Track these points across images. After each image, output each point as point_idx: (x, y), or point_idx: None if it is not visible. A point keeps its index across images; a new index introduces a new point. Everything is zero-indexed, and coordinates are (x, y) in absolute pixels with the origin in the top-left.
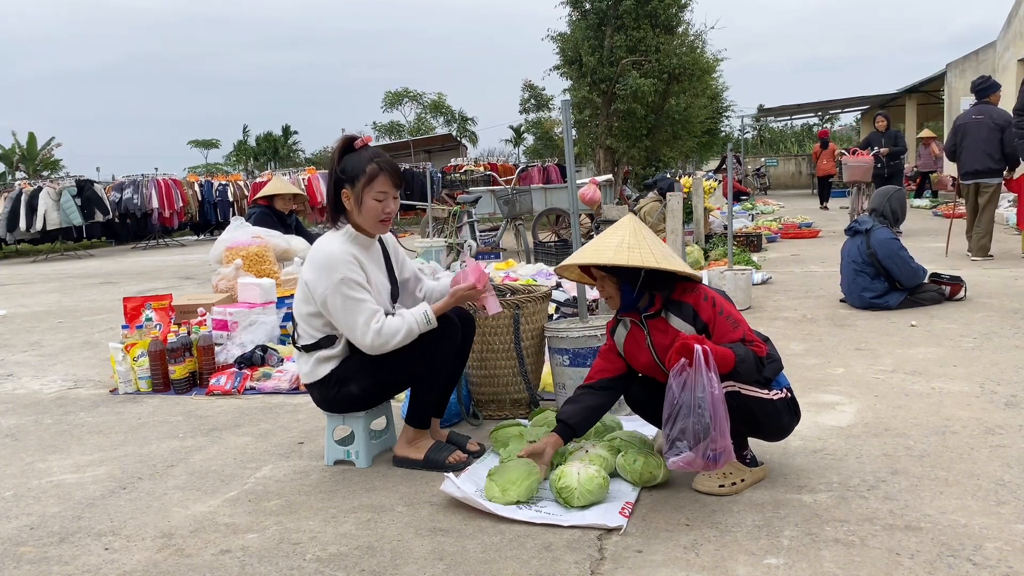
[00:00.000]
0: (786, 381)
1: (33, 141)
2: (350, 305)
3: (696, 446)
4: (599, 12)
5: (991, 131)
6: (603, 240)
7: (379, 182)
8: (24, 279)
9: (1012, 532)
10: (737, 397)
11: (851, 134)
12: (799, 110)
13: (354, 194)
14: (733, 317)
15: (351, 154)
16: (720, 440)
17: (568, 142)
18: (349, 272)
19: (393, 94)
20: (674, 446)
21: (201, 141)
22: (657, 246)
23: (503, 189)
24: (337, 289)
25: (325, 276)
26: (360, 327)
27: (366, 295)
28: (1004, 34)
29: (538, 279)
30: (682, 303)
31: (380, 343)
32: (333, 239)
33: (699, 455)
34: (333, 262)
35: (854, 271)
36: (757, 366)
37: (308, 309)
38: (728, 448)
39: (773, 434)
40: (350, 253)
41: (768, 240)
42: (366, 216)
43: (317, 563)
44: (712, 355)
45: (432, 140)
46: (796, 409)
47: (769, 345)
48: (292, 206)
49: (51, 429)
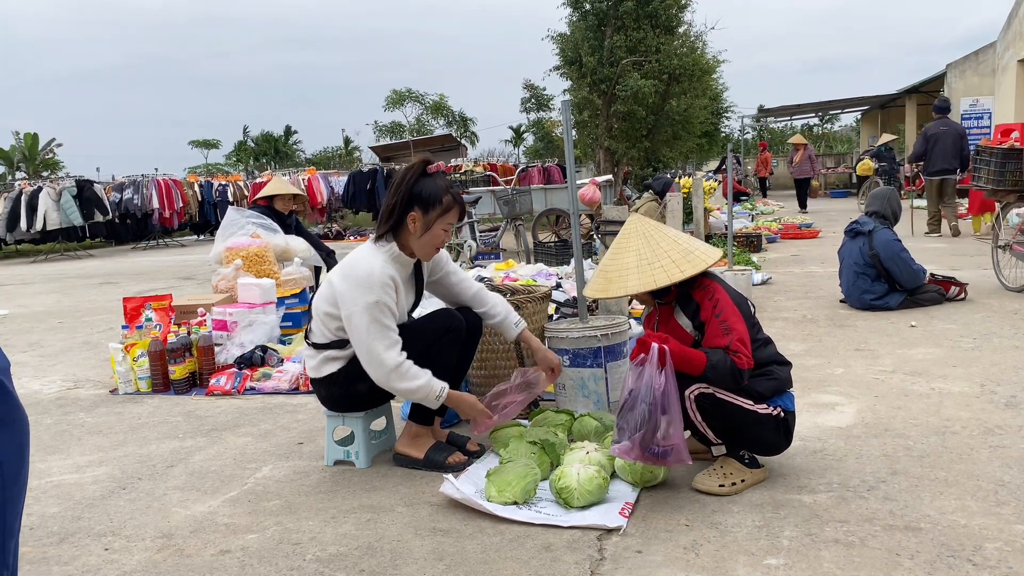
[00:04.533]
0: (788, 404)
1: (35, 141)
2: (375, 329)
3: (633, 436)
4: (599, 13)
5: (954, 139)
6: (621, 260)
7: (452, 214)
8: (24, 279)
9: (1012, 533)
10: (711, 399)
11: (851, 135)
12: (799, 111)
13: (425, 220)
14: (727, 324)
15: (426, 178)
16: (670, 439)
17: (568, 142)
18: (384, 296)
19: (397, 93)
20: (619, 433)
21: (201, 141)
22: (673, 246)
23: (503, 189)
24: (368, 310)
25: (360, 293)
26: (379, 353)
27: (393, 322)
28: (1004, 34)
29: (538, 279)
30: (691, 298)
31: (392, 378)
32: (375, 256)
33: (636, 446)
34: (371, 282)
35: (855, 274)
36: (733, 376)
37: (328, 310)
38: (678, 447)
39: (760, 448)
40: (389, 276)
41: (768, 240)
42: (427, 242)
43: (317, 563)
44: (671, 355)
45: (432, 140)
46: (788, 431)
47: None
48: (292, 206)
49: (51, 429)
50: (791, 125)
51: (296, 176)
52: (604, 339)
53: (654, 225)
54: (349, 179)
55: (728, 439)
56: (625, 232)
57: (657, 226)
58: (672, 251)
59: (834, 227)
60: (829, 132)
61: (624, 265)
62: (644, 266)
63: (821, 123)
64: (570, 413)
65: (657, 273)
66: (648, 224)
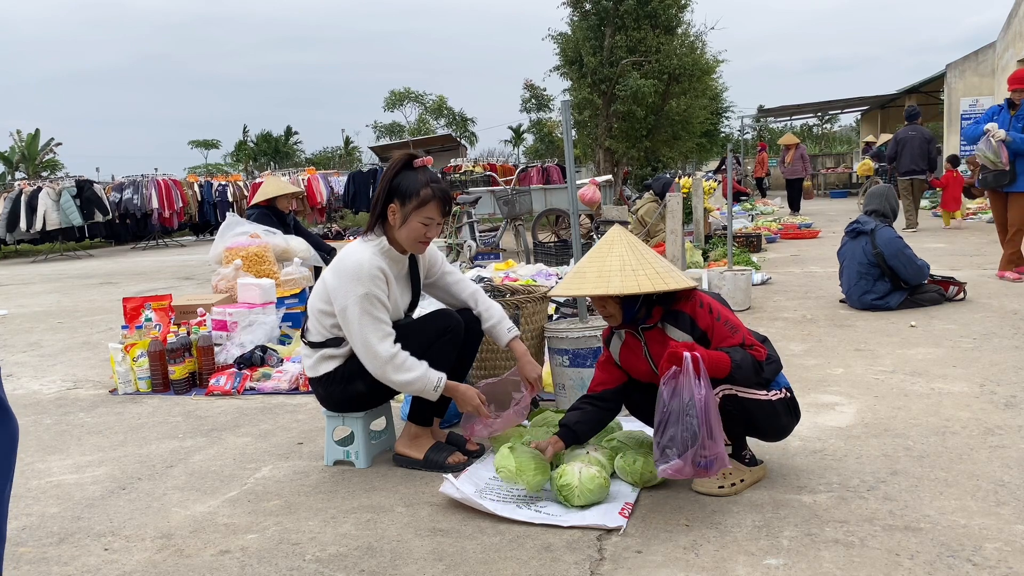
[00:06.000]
0: (785, 381)
1: (34, 141)
2: (366, 321)
3: (684, 454)
4: (599, 12)
5: (921, 143)
6: (603, 263)
7: (430, 208)
8: (24, 279)
9: (1012, 533)
10: (735, 400)
11: (851, 135)
12: (799, 111)
13: (402, 212)
14: (731, 322)
15: (408, 171)
16: (712, 447)
17: (568, 143)
18: (374, 288)
19: (396, 94)
20: (664, 453)
21: (201, 141)
22: (656, 259)
23: (503, 189)
24: (358, 302)
25: (349, 286)
26: (372, 345)
27: (385, 315)
28: (1004, 34)
29: (538, 279)
30: (679, 313)
31: (388, 370)
32: (364, 249)
33: (688, 463)
34: (360, 274)
35: (858, 274)
36: (755, 370)
37: (322, 307)
38: (721, 455)
39: (773, 434)
40: (378, 267)
41: (768, 240)
42: (406, 235)
43: (317, 563)
44: (703, 361)
45: (432, 140)
46: (795, 409)
47: (768, 345)
48: (292, 206)
49: (51, 429)
50: (791, 125)
51: (296, 176)
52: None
53: (638, 240)
54: (349, 179)
55: (748, 434)
56: (608, 239)
57: (640, 242)
58: (656, 264)
59: (833, 227)
60: (829, 132)
61: (605, 267)
62: (627, 271)
63: (821, 123)
64: None
65: (641, 279)
66: (633, 237)
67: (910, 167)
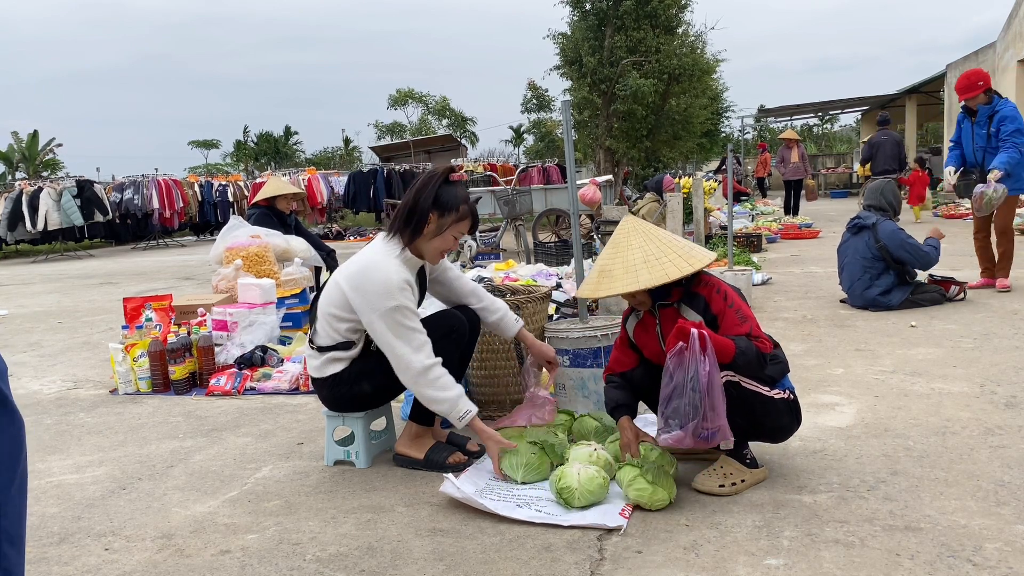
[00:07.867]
0: (790, 384)
1: (34, 141)
2: (402, 332)
3: (686, 425)
4: (599, 12)
5: (892, 146)
6: (626, 257)
7: (464, 224)
8: (24, 279)
9: (1012, 533)
10: (737, 387)
11: (851, 135)
12: (799, 111)
13: (439, 224)
14: (742, 312)
15: (448, 185)
16: (714, 419)
17: (568, 142)
18: (405, 300)
19: (400, 93)
20: (667, 424)
21: (201, 141)
22: (675, 243)
23: (503, 189)
24: (391, 315)
25: (379, 300)
26: (405, 356)
27: (418, 323)
28: (1004, 35)
29: (538, 279)
30: (696, 295)
31: (420, 383)
32: (388, 260)
33: (688, 434)
34: (390, 289)
35: (862, 268)
36: (759, 361)
37: (335, 312)
38: (724, 427)
39: (773, 433)
40: (405, 280)
41: (768, 240)
42: (435, 246)
43: (317, 563)
44: (709, 340)
45: (432, 140)
46: (798, 412)
47: (779, 349)
48: (293, 206)
49: (51, 429)
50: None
51: (296, 176)
52: (604, 339)
53: (651, 225)
54: (349, 179)
55: (744, 430)
56: (624, 231)
57: (654, 227)
58: (676, 247)
59: (834, 227)
60: (829, 132)
61: (630, 262)
62: (652, 261)
63: (821, 123)
64: (570, 413)
65: (668, 267)
66: (646, 224)
67: (884, 167)
